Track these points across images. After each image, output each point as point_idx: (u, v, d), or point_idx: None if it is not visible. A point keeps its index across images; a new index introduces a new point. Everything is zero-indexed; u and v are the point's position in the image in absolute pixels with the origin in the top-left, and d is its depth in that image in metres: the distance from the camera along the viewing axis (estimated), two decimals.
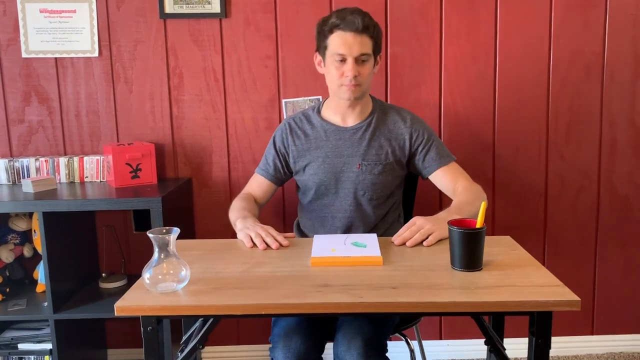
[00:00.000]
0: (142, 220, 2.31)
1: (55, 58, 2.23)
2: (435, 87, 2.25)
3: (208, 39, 2.24)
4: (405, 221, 1.89)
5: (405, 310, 1.06)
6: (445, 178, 1.74)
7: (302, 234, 1.88)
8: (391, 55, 2.23)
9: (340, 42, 1.59)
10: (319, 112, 1.80)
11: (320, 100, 1.82)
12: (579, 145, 2.30)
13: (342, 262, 1.28)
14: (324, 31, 1.64)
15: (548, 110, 2.27)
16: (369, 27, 1.60)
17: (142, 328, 1.13)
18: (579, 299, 1.06)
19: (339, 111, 1.75)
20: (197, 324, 1.43)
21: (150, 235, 1.12)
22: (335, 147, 1.74)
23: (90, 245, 2.30)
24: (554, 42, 2.23)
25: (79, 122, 2.27)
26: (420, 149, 1.75)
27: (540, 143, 2.29)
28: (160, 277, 1.13)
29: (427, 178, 1.79)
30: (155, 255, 1.14)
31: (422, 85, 2.25)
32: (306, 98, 2.26)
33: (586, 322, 2.42)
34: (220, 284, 1.18)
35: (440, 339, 2.43)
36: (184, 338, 1.44)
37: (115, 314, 1.09)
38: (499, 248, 1.39)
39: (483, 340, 1.26)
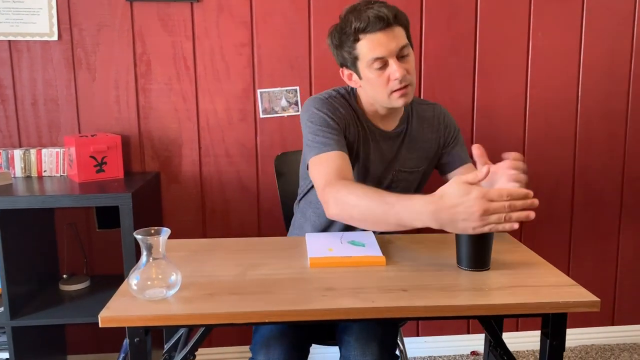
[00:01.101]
0: (106, 217, 2.16)
1: (9, 41, 2.04)
2: (415, 81, 2.19)
3: (178, 24, 2.10)
4: None
5: (423, 315, 0.99)
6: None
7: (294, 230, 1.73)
8: None
9: (372, 46, 1.36)
10: (359, 105, 1.53)
11: (348, 90, 1.55)
12: (556, 140, 2.30)
13: (343, 262, 1.20)
14: (348, 42, 1.40)
15: (526, 102, 2.26)
16: (397, 15, 1.37)
17: (128, 339, 1.02)
18: (598, 299, 1.03)
19: (377, 115, 1.51)
20: (182, 332, 1.32)
21: (137, 237, 1.01)
22: (376, 150, 1.51)
23: (50, 245, 2.13)
24: (533, 34, 2.21)
25: (35, 111, 2.09)
26: (449, 142, 1.58)
27: (517, 136, 2.28)
28: (149, 282, 1.02)
29: (446, 175, 1.60)
30: (143, 258, 1.02)
31: None
32: (283, 88, 2.16)
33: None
34: (215, 289, 1.07)
35: (418, 335, 2.39)
36: (167, 347, 1.33)
37: (100, 325, 0.97)
38: (501, 245, 1.35)
39: (458, 335, 1.20)
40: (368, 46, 1.37)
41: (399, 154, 1.55)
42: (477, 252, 1.15)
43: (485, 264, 1.17)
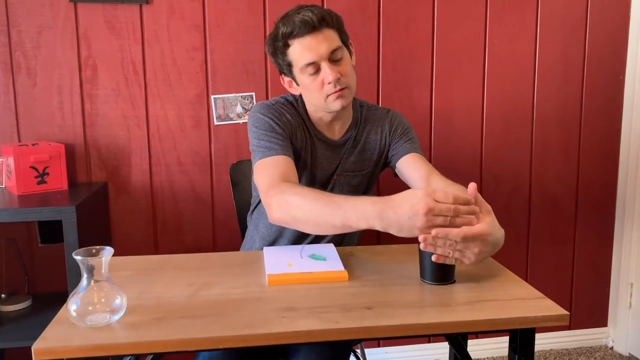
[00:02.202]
0: (49, 231, 2.02)
1: None
2: (374, 86, 2.16)
3: (126, 26, 1.99)
4: None
5: (389, 335, 0.94)
6: (416, 163, 1.45)
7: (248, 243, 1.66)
8: None
9: (302, 50, 1.33)
10: (306, 112, 1.49)
11: (297, 97, 1.51)
12: (513, 146, 2.30)
13: (304, 279, 1.13)
14: (278, 48, 1.38)
15: (483, 110, 2.26)
16: (325, 17, 1.34)
17: None
18: (567, 312, 0.99)
19: (323, 123, 1.47)
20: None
21: (77, 257, 0.91)
22: (323, 158, 1.48)
23: None
24: (489, 41, 2.21)
25: None
26: (395, 138, 1.52)
27: (475, 143, 2.27)
28: (90, 307, 0.92)
29: (396, 169, 1.53)
30: (84, 281, 0.93)
31: (360, 83, 2.14)
32: (238, 94, 2.08)
33: None
34: (164, 312, 0.99)
35: (379, 346, 2.34)
36: None
37: (34, 359, 0.87)
38: None
39: (420, 345, 1.15)
40: (298, 52, 1.34)
41: (346, 161, 1.51)
42: (441, 265, 1.11)
43: (449, 277, 1.13)
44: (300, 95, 1.48)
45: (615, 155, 2.39)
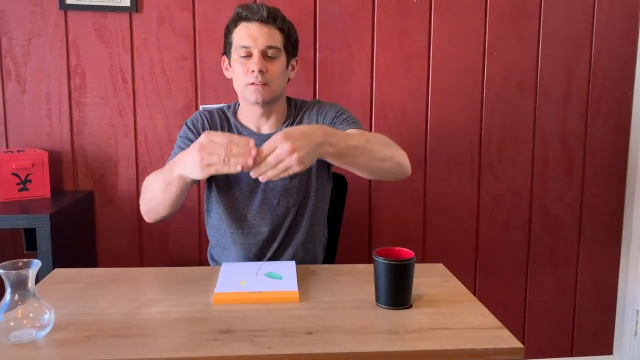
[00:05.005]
0: (35, 238, 2.01)
1: None
2: (366, 97, 2.11)
3: (116, 35, 1.99)
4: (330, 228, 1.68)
5: None
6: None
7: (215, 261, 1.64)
8: (320, 61, 2.07)
9: (244, 33, 1.41)
10: (234, 112, 1.56)
11: (237, 102, 1.58)
12: (512, 163, 2.21)
13: (250, 299, 1.08)
14: (229, 27, 1.46)
15: (481, 126, 2.18)
16: (277, 19, 1.42)
17: None
18: (522, 345, 0.92)
19: (252, 119, 1.51)
20: None
21: (0, 271, 0.88)
22: None
23: None
24: (488, 55, 2.14)
25: None
26: (327, 123, 1.48)
27: (472, 159, 2.19)
28: (12, 323, 0.89)
29: None
30: (7, 296, 0.90)
31: (353, 94, 2.10)
32: (225, 105, 2.04)
33: None
34: (96, 330, 0.95)
35: None
36: None
37: None
38: (431, 278, 1.24)
39: None
40: (241, 33, 1.42)
41: None
42: (395, 288, 1.05)
43: (404, 301, 1.06)
44: (235, 104, 1.57)
45: (622, 175, 2.28)
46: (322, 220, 1.60)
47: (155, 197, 1.31)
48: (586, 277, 2.33)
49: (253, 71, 1.39)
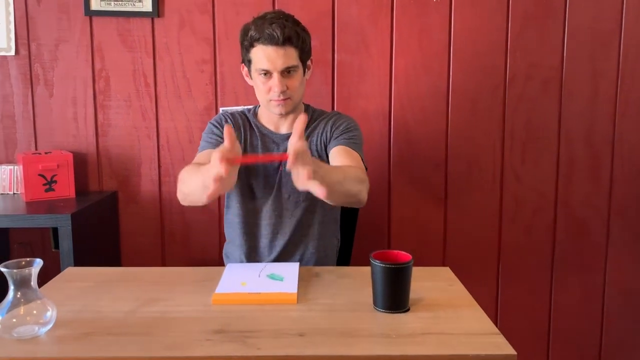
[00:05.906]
0: None
1: None
2: (385, 99, 2.10)
3: (138, 39, 2.04)
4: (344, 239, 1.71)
5: None
6: (341, 156, 1.47)
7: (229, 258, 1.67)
8: (338, 62, 2.07)
9: (261, 56, 1.46)
10: (255, 114, 1.65)
11: (257, 106, 1.66)
12: (536, 165, 2.16)
13: (249, 299, 1.10)
14: (244, 44, 1.51)
15: (504, 127, 2.14)
16: (291, 38, 1.45)
17: None
18: (515, 352, 0.90)
19: (272, 121, 1.61)
20: None
21: (3, 270, 0.92)
22: (265, 150, 1.59)
23: None
24: (510, 55, 2.10)
25: None
26: (334, 135, 1.56)
27: (494, 161, 2.15)
28: (14, 320, 0.93)
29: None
30: (10, 294, 0.94)
31: (371, 96, 2.09)
32: (246, 107, 2.07)
33: (541, 350, 2.27)
34: (95, 327, 0.98)
35: None
36: None
37: None
38: (435, 282, 1.23)
39: None
40: (258, 55, 1.47)
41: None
42: (391, 291, 1.04)
43: (401, 305, 1.06)
44: (255, 107, 1.66)
45: None
46: (333, 220, 1.62)
47: (194, 193, 1.33)
48: (614, 283, 2.25)
49: (274, 91, 1.47)
